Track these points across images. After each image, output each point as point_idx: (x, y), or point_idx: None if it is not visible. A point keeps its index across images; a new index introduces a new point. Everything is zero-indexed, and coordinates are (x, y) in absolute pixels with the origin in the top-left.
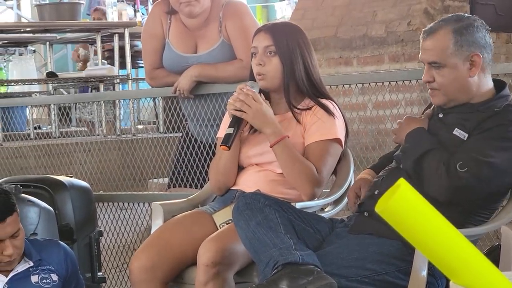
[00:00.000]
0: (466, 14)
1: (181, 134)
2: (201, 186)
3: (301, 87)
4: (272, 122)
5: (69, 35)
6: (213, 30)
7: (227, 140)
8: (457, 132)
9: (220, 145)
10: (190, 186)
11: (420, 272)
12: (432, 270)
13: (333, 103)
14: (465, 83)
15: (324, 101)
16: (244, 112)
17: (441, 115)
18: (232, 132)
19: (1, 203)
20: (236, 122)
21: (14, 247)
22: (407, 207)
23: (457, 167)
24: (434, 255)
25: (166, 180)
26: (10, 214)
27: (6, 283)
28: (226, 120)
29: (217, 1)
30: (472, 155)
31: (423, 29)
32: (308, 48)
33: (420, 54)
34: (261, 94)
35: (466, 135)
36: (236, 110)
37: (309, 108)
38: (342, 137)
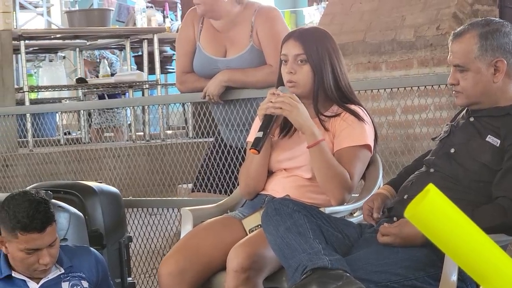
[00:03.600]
0: (496, 19)
1: (211, 140)
2: (225, 192)
3: (329, 95)
4: (311, 124)
5: (99, 41)
6: (243, 34)
7: (257, 144)
8: (490, 139)
9: (250, 149)
10: (215, 192)
11: (450, 277)
12: (462, 276)
13: (363, 108)
14: (488, 88)
15: (353, 107)
16: (285, 109)
17: (472, 119)
18: (261, 136)
19: (42, 213)
20: (266, 126)
21: (50, 256)
22: (436, 213)
23: None
24: (463, 260)
25: None
26: (50, 224)
27: None
28: (256, 124)
29: (250, 7)
30: None
31: (452, 32)
32: (337, 54)
33: (448, 56)
34: None
35: (499, 142)
36: (276, 108)
37: (338, 115)
38: (371, 143)
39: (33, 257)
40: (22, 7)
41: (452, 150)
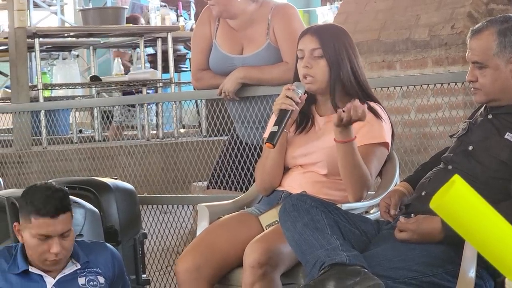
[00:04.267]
0: None
1: (226, 137)
2: (241, 189)
3: (349, 89)
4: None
5: (112, 39)
6: (260, 32)
7: (272, 138)
8: (508, 136)
9: (265, 143)
10: (230, 189)
11: (468, 274)
12: (480, 272)
13: (380, 106)
14: (506, 84)
15: (372, 104)
16: None
17: (490, 116)
18: (277, 130)
19: (57, 199)
20: (281, 121)
21: (62, 247)
22: (462, 203)
23: None
24: (489, 252)
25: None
26: (63, 212)
27: (53, 285)
28: (272, 121)
29: (266, 5)
30: None
31: (471, 28)
32: (354, 50)
33: (466, 53)
34: (306, 95)
35: None
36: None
37: None
38: (389, 140)
39: (44, 245)
40: (36, 5)
41: (470, 148)
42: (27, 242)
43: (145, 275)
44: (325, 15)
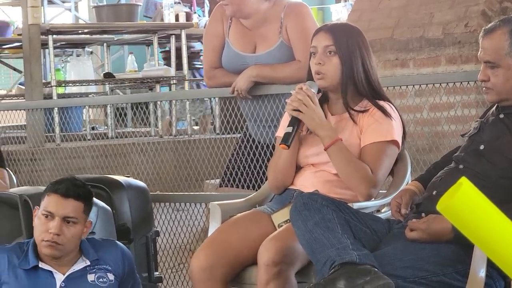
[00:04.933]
0: None
1: (239, 135)
2: (253, 187)
3: (360, 88)
4: (326, 125)
5: (126, 36)
6: (272, 30)
7: (287, 139)
8: None
9: (280, 144)
10: (243, 187)
11: (478, 274)
12: (490, 272)
13: (391, 104)
14: None
15: (381, 102)
16: (300, 112)
17: (502, 116)
18: (291, 131)
19: (73, 184)
20: (296, 121)
21: (62, 232)
22: (469, 205)
23: None
24: (496, 254)
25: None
26: (75, 198)
27: (63, 281)
28: (285, 119)
29: (279, 3)
30: None
31: (483, 27)
32: (367, 49)
33: (478, 52)
34: (320, 93)
35: None
36: (293, 110)
37: (366, 110)
38: (399, 138)
39: (46, 224)
40: (50, 2)
41: (482, 147)
42: (35, 224)
43: (157, 273)
44: (339, 13)
